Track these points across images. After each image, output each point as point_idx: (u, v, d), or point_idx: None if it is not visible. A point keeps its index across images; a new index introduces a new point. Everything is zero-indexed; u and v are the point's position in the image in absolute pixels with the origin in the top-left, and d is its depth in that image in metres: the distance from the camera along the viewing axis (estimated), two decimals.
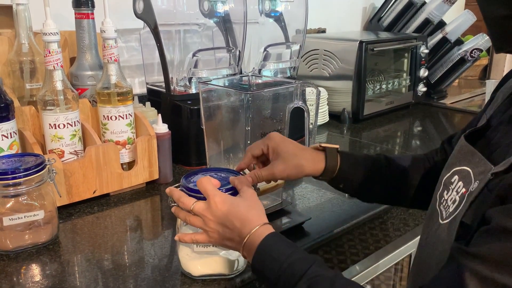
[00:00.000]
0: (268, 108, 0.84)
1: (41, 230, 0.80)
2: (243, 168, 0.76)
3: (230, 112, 0.86)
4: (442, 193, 0.61)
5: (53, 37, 0.87)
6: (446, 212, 0.57)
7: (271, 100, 0.84)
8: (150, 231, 0.88)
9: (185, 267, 0.72)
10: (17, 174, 0.75)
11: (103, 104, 0.98)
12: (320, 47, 1.66)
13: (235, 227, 0.62)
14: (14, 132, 0.86)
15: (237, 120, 0.84)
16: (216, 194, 0.64)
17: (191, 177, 0.71)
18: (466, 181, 0.55)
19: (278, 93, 0.86)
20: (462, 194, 0.55)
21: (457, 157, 0.60)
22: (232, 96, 0.84)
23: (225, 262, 0.71)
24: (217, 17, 1.29)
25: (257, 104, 0.81)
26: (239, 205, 0.63)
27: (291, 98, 0.86)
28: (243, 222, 0.62)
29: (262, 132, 0.83)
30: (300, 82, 0.86)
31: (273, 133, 0.76)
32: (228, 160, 0.86)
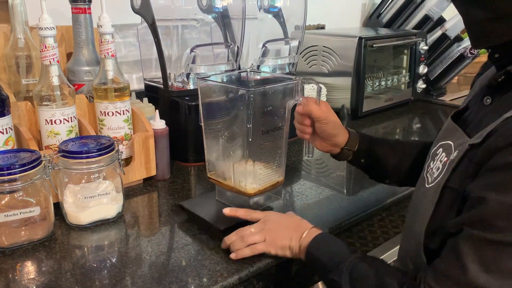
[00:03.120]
0: (268, 105, 0.83)
1: (37, 227, 0.79)
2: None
3: (229, 109, 0.85)
4: (429, 163, 0.71)
5: (49, 32, 0.86)
6: (431, 178, 0.67)
7: (271, 97, 0.83)
8: (147, 228, 0.87)
9: (74, 220, 0.84)
10: (13, 170, 0.74)
11: (100, 100, 0.97)
12: (319, 43, 1.65)
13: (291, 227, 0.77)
14: (9, 127, 0.85)
15: (237, 117, 0.83)
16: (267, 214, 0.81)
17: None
18: (448, 152, 0.65)
19: (279, 89, 0.85)
20: (444, 162, 0.65)
21: (443, 134, 0.71)
22: (232, 93, 0.83)
23: (108, 208, 0.86)
24: (216, 12, 1.28)
25: (258, 101, 0.80)
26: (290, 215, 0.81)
27: (291, 94, 0.85)
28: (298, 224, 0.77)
29: (263, 130, 0.82)
30: (301, 78, 0.85)
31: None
32: (228, 157, 0.86)
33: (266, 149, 0.85)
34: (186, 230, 0.85)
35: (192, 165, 1.16)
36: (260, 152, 0.84)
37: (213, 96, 0.87)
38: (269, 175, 0.86)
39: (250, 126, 0.80)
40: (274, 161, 0.86)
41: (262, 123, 0.82)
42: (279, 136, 0.86)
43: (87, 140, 0.87)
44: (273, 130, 0.84)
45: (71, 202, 0.85)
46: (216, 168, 0.90)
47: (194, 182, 1.08)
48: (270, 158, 0.86)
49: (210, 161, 0.91)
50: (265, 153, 0.85)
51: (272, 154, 0.86)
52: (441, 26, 1.93)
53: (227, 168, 0.86)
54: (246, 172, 0.83)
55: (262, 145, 0.83)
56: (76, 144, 0.85)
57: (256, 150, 0.83)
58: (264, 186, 0.86)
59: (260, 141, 0.83)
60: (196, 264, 0.74)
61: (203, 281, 0.70)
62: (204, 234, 0.83)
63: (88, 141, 0.87)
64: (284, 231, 0.76)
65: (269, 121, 0.84)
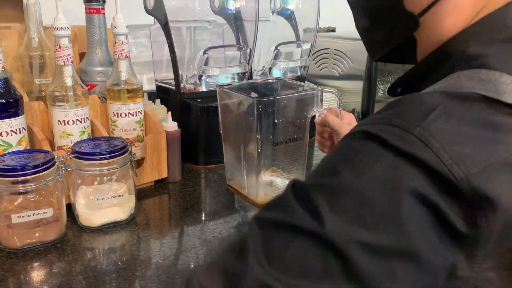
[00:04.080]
0: (282, 115, 0.81)
1: (49, 228, 0.78)
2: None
3: (242, 118, 0.83)
4: None
5: (64, 32, 0.86)
6: None
7: (285, 107, 0.81)
8: (159, 231, 0.86)
9: (86, 222, 0.84)
10: (26, 170, 0.74)
11: (113, 101, 0.97)
12: (331, 46, 1.64)
13: None
14: (23, 127, 0.85)
15: (249, 126, 0.81)
16: None
17: None
18: None
19: (293, 99, 0.83)
20: None
21: None
22: (244, 103, 0.81)
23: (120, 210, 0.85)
24: (228, 14, 1.27)
25: (268, 111, 0.77)
26: None
27: (310, 105, 0.82)
28: None
29: (274, 141, 0.80)
30: (321, 89, 0.83)
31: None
32: (242, 166, 0.84)
33: (280, 160, 0.82)
34: (198, 233, 0.85)
35: (203, 168, 1.15)
36: (274, 163, 0.81)
37: (229, 104, 0.86)
38: (282, 186, 0.84)
39: (259, 137, 0.78)
40: (291, 172, 0.84)
41: (274, 134, 0.79)
42: (295, 148, 0.83)
43: (100, 142, 0.87)
44: (287, 141, 0.82)
45: (83, 204, 0.84)
46: (234, 176, 0.88)
47: (205, 185, 1.07)
48: (287, 169, 0.83)
49: (229, 169, 0.89)
50: (280, 164, 0.82)
51: (289, 165, 0.83)
52: None
53: (242, 177, 0.85)
54: (258, 183, 0.82)
55: (274, 156, 0.81)
56: (89, 145, 0.85)
57: (268, 161, 0.80)
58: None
59: (272, 152, 0.80)
60: None
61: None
62: (219, 239, 0.83)
63: (101, 143, 0.86)
64: None
65: (283, 132, 0.81)
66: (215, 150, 1.19)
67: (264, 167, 0.81)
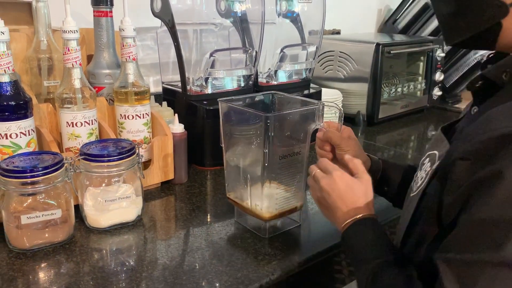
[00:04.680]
0: (287, 130, 0.81)
1: (58, 229, 0.79)
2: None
3: (247, 132, 0.84)
4: (416, 173, 0.69)
5: (72, 35, 0.87)
6: (415, 186, 0.67)
7: (290, 121, 0.82)
8: (165, 232, 0.87)
9: (94, 223, 0.85)
10: (36, 172, 0.74)
11: (120, 103, 0.97)
12: (336, 49, 1.65)
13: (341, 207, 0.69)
14: (32, 129, 0.86)
15: (255, 140, 0.82)
16: (338, 170, 0.71)
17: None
18: (432, 161, 0.64)
19: (298, 114, 0.83)
20: (427, 171, 0.64)
21: (431, 144, 0.69)
22: (250, 117, 0.81)
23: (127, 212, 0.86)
24: (234, 17, 1.28)
25: (276, 126, 0.78)
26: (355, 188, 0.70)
27: (311, 118, 0.83)
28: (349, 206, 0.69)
29: (280, 155, 0.81)
30: (322, 103, 0.83)
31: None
32: (246, 180, 0.85)
33: (284, 173, 0.83)
34: (204, 234, 0.85)
35: (209, 169, 1.16)
36: (277, 176, 0.82)
37: (233, 118, 0.86)
38: (286, 199, 0.84)
39: (267, 151, 0.78)
40: (292, 185, 0.84)
41: (279, 148, 0.80)
42: (297, 161, 0.84)
43: (108, 143, 0.88)
44: (291, 155, 0.82)
45: (91, 205, 0.85)
46: (235, 189, 0.89)
47: (211, 187, 1.08)
48: (288, 183, 0.84)
49: (229, 181, 0.90)
50: (283, 178, 0.83)
51: (290, 178, 0.84)
52: None
53: (245, 190, 0.85)
54: (263, 196, 0.82)
55: (279, 169, 0.82)
56: (97, 147, 0.86)
57: (273, 174, 0.81)
58: (280, 211, 0.84)
59: (277, 165, 0.81)
60: (216, 270, 0.74)
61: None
62: (225, 240, 0.83)
63: (109, 144, 0.87)
64: (325, 209, 0.72)
65: (288, 145, 0.82)
66: (221, 152, 1.20)
67: (268, 180, 0.81)
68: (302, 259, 0.78)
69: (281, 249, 0.80)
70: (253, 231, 0.86)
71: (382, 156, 1.36)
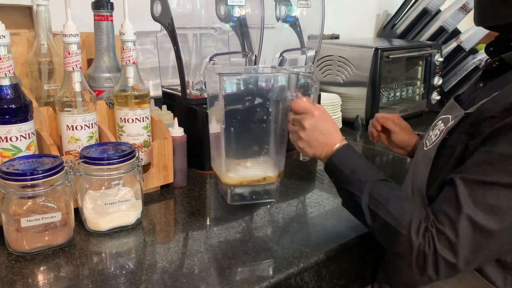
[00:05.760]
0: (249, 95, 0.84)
1: (57, 232, 0.79)
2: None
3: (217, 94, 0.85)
4: (429, 132, 0.81)
5: (73, 39, 0.87)
6: (429, 142, 0.78)
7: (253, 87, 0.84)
8: (165, 235, 0.87)
9: (94, 226, 0.84)
10: (36, 175, 0.75)
11: (120, 107, 0.98)
12: (335, 53, 1.66)
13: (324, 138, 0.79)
14: (32, 132, 0.86)
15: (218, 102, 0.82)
16: (316, 108, 0.80)
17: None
18: (445, 122, 0.75)
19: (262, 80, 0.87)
20: (441, 129, 0.75)
21: (444, 110, 0.81)
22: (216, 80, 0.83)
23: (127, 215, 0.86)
24: (234, 21, 1.29)
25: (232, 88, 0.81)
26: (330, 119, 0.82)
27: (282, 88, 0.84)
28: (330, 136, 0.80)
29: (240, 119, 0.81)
30: (298, 73, 0.83)
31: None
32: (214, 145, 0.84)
33: (247, 140, 0.83)
34: (204, 238, 0.85)
35: (209, 173, 1.16)
36: (239, 142, 0.82)
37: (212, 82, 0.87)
38: (251, 169, 0.84)
39: (223, 112, 0.80)
40: (259, 155, 0.84)
41: (240, 113, 0.80)
42: (264, 130, 0.84)
43: (107, 147, 0.88)
44: (254, 122, 0.83)
45: (91, 208, 0.85)
46: (214, 156, 0.89)
47: (210, 190, 1.08)
48: (254, 151, 0.84)
49: (211, 150, 0.90)
50: (247, 145, 0.83)
51: (255, 147, 0.84)
52: (456, 38, 1.92)
53: (216, 156, 0.85)
54: (222, 160, 0.82)
55: (241, 135, 0.82)
56: (97, 150, 0.86)
57: (234, 139, 0.82)
58: (245, 179, 0.83)
59: (238, 131, 0.81)
60: (215, 274, 0.74)
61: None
62: (224, 243, 0.83)
63: (108, 148, 0.87)
64: (316, 144, 0.80)
65: (251, 112, 0.83)
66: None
67: (228, 145, 0.82)
68: (305, 263, 0.78)
69: (282, 253, 0.81)
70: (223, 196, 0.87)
71: (381, 160, 1.37)
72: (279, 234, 0.88)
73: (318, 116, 0.80)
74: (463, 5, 1.86)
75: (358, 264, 0.92)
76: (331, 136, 0.79)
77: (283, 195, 1.05)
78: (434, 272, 0.66)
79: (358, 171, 0.75)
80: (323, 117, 0.80)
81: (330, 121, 0.81)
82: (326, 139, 0.79)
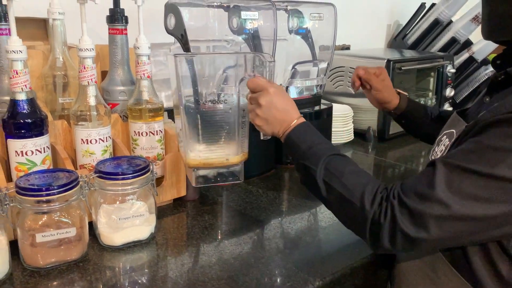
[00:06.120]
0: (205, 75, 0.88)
1: (71, 247, 0.79)
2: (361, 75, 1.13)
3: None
4: (434, 148, 0.83)
5: (89, 53, 0.88)
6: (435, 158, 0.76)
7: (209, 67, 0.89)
8: (179, 250, 0.86)
9: (108, 241, 0.84)
10: (51, 190, 0.75)
11: (134, 120, 0.98)
12: (346, 64, 1.65)
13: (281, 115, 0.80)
14: (47, 146, 0.86)
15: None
16: (270, 85, 0.81)
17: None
18: (450, 137, 0.76)
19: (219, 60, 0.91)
20: (447, 145, 0.76)
21: (448, 124, 0.82)
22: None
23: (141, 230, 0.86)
24: (246, 33, 1.29)
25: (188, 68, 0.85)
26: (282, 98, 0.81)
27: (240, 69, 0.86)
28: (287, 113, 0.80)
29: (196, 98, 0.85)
30: (254, 54, 0.85)
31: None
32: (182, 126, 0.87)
33: (206, 121, 0.85)
34: (217, 253, 0.85)
35: (221, 185, 1.16)
36: (198, 122, 0.84)
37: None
38: (213, 150, 0.85)
39: (181, 93, 0.82)
40: (221, 136, 0.86)
41: (197, 92, 0.83)
42: (224, 110, 0.86)
43: (121, 161, 0.88)
44: (212, 102, 0.86)
45: (105, 223, 0.85)
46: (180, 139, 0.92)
47: (223, 203, 1.08)
48: (214, 132, 0.86)
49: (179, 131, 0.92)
50: (207, 127, 0.85)
51: (215, 128, 0.86)
52: (468, 49, 1.92)
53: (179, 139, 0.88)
54: (184, 142, 0.84)
55: (198, 115, 0.85)
56: (111, 165, 0.86)
57: (192, 119, 0.83)
58: (208, 161, 0.85)
59: (196, 111, 0.84)
60: None
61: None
62: (238, 260, 0.83)
63: (123, 162, 0.87)
64: (274, 121, 0.81)
65: (208, 91, 0.85)
66: None
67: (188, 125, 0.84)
68: (320, 281, 0.78)
69: (296, 270, 0.80)
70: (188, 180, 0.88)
71: (393, 172, 1.36)
72: (293, 250, 0.87)
73: (273, 93, 0.80)
74: (475, 16, 1.85)
75: (373, 280, 0.91)
76: (287, 113, 0.80)
77: (294, 207, 1.04)
78: (389, 242, 0.65)
79: (315, 146, 0.76)
80: (278, 94, 0.81)
81: (286, 98, 0.82)
82: (283, 116, 0.80)
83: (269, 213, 1.02)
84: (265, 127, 0.82)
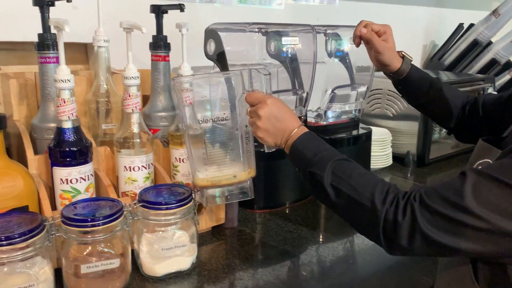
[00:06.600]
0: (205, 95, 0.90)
1: (115, 278, 0.78)
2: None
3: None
4: None
5: (134, 81, 0.88)
6: None
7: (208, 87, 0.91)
8: (220, 281, 0.84)
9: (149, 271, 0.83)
10: (96, 221, 0.74)
11: (175, 146, 0.97)
12: (384, 87, 1.62)
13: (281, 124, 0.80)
14: (91, 174, 0.86)
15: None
16: (268, 97, 0.82)
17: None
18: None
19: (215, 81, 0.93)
20: None
21: (478, 154, 0.76)
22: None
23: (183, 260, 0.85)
24: (284, 57, 1.28)
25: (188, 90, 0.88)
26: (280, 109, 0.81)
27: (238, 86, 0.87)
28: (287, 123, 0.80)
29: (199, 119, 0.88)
30: (248, 70, 0.86)
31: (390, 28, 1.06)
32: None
33: (210, 139, 0.87)
34: (262, 284, 0.82)
35: (258, 212, 1.14)
36: (202, 142, 0.86)
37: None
38: (220, 169, 0.86)
39: (182, 114, 0.85)
40: (226, 154, 0.87)
41: (199, 112, 0.86)
42: (226, 128, 0.88)
43: (163, 189, 0.87)
44: (215, 120, 0.87)
45: (146, 252, 0.84)
46: None
47: (262, 232, 1.05)
48: (219, 151, 0.87)
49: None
50: (213, 146, 0.87)
51: (219, 146, 0.87)
52: (509, 71, 1.86)
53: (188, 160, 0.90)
54: (190, 162, 0.86)
55: (202, 134, 0.87)
56: (154, 193, 0.85)
57: (197, 140, 0.86)
58: (215, 180, 0.86)
59: (198, 131, 0.87)
60: None
61: None
62: None
63: (165, 190, 0.87)
64: (275, 131, 0.81)
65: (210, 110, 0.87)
66: (271, 195, 1.18)
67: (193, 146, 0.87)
68: None
69: None
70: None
71: None
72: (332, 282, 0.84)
73: (271, 103, 0.81)
74: None
75: None
76: (287, 122, 0.80)
77: (331, 233, 1.01)
78: (407, 242, 0.63)
79: (320, 153, 0.75)
80: (276, 104, 0.81)
81: (284, 108, 0.82)
82: (283, 125, 0.80)
83: (309, 244, 0.99)
84: (267, 138, 0.82)
